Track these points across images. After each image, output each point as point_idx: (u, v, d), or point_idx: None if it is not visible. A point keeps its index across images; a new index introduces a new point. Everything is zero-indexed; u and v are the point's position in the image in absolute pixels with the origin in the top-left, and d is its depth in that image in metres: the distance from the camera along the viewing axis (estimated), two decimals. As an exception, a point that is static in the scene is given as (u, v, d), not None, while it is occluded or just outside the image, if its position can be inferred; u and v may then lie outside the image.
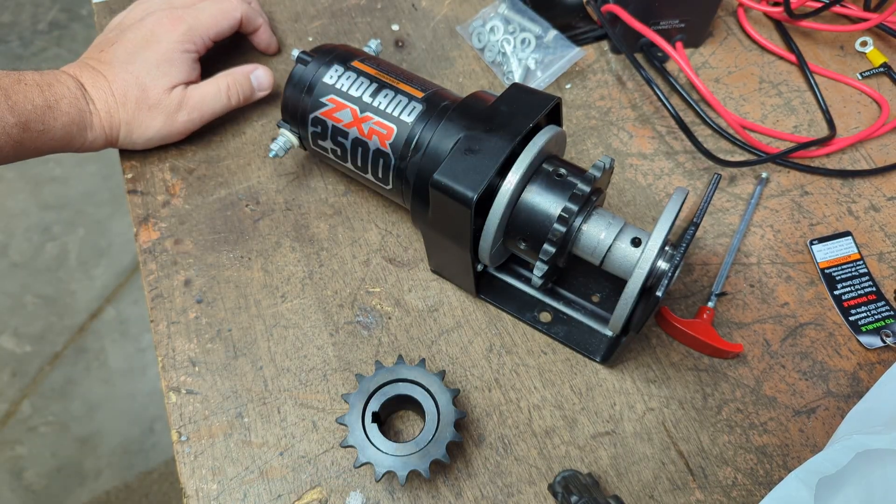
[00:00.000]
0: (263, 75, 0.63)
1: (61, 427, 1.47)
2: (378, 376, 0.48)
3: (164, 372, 0.53)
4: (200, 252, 0.58)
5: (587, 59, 0.70)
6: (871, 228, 0.61)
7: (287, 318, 0.56)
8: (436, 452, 0.46)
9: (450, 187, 0.46)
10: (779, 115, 0.67)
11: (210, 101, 0.60)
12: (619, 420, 0.52)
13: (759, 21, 0.73)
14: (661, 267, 0.45)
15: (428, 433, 0.47)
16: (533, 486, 0.49)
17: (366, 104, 0.52)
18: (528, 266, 0.57)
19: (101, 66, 0.58)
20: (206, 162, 0.63)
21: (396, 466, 0.45)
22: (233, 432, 0.51)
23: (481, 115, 0.49)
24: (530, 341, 0.55)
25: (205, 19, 0.60)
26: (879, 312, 0.56)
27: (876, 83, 0.70)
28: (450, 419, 0.47)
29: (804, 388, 0.53)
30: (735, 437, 0.51)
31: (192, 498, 0.49)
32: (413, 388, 0.48)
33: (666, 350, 0.55)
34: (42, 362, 1.54)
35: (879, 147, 0.66)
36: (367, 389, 0.48)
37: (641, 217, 0.61)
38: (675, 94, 0.67)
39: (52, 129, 0.54)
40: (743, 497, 0.49)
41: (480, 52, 0.69)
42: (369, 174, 0.54)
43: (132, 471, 1.42)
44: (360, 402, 0.47)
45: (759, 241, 0.60)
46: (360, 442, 0.46)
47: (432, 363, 0.54)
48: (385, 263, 0.58)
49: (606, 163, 0.49)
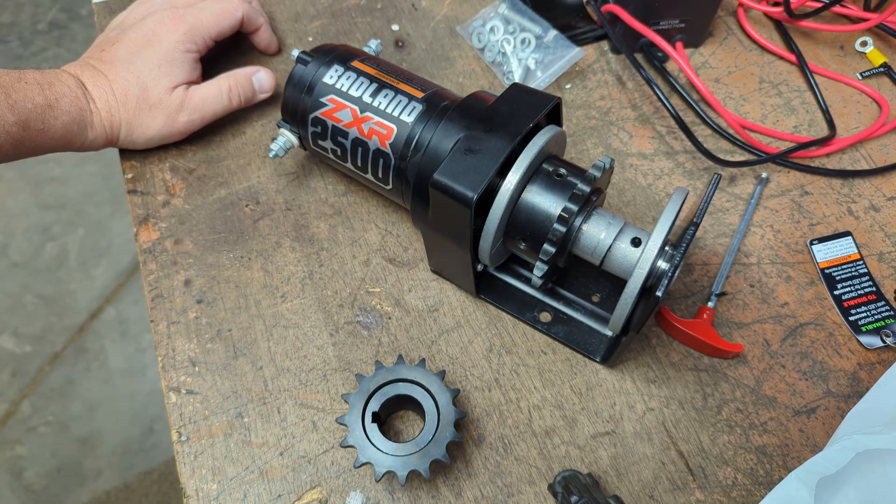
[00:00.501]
0: (265, 78, 0.63)
1: (61, 427, 1.47)
2: (378, 376, 0.48)
3: (164, 372, 0.53)
4: (200, 252, 0.58)
5: (587, 59, 0.70)
6: (871, 228, 0.61)
7: (287, 318, 0.56)
8: (436, 452, 0.46)
9: (450, 187, 0.46)
10: (779, 115, 0.67)
11: (211, 102, 0.60)
12: (619, 420, 0.52)
13: (759, 21, 0.73)
14: (661, 267, 0.45)
15: (428, 433, 0.47)
16: (533, 486, 0.49)
17: (366, 104, 0.52)
18: (528, 266, 0.57)
19: (102, 66, 0.58)
20: (206, 162, 0.63)
21: (396, 466, 0.45)
22: (233, 432, 0.51)
23: (481, 115, 0.49)
24: (530, 341, 0.55)
25: (206, 19, 0.60)
26: (879, 312, 0.56)
27: (876, 83, 0.70)
28: (450, 419, 0.47)
29: (804, 388, 0.53)
30: (735, 437, 0.51)
31: (192, 498, 0.49)
32: (413, 388, 0.48)
33: (666, 350, 0.55)
34: (42, 362, 1.54)
35: (879, 147, 0.66)
36: (367, 389, 0.48)
37: (641, 217, 0.61)
38: (675, 94, 0.67)
39: (52, 128, 0.54)
40: (743, 497, 0.49)
41: (480, 52, 0.69)
42: (369, 174, 0.54)
43: (132, 471, 1.42)
44: (360, 402, 0.47)
45: (759, 241, 0.60)
46: (360, 442, 0.46)
47: (432, 363, 0.54)
48: (385, 263, 0.58)
49: (606, 163, 0.49)
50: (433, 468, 0.47)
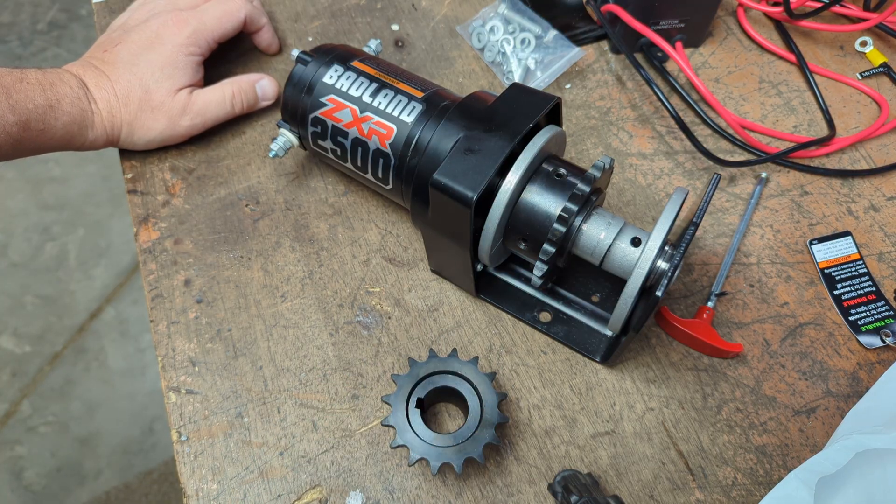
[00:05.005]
0: (268, 85, 0.63)
1: (61, 427, 1.47)
2: (430, 364, 0.48)
3: (164, 372, 0.53)
4: (200, 252, 0.58)
5: (587, 59, 0.70)
6: (871, 228, 0.61)
7: (287, 318, 0.56)
8: (472, 451, 0.46)
9: (450, 187, 0.46)
10: (778, 115, 0.67)
11: (214, 107, 0.60)
12: (618, 420, 0.52)
13: (758, 21, 0.73)
14: (661, 267, 0.45)
15: (468, 430, 0.47)
16: (533, 486, 0.49)
17: (366, 104, 0.52)
18: (528, 266, 0.57)
19: (104, 66, 0.58)
20: (206, 162, 0.63)
21: (431, 455, 0.46)
22: (233, 432, 0.51)
23: (481, 115, 0.49)
24: (530, 341, 0.55)
25: (209, 22, 0.60)
26: (879, 312, 0.56)
27: (876, 83, 0.70)
28: (492, 421, 0.47)
29: (804, 387, 0.53)
30: (735, 437, 0.51)
31: (192, 498, 0.49)
32: (461, 383, 0.48)
33: (666, 350, 0.55)
34: (42, 362, 1.54)
35: (879, 147, 0.66)
36: (417, 375, 0.48)
37: (641, 217, 0.61)
38: (675, 94, 0.67)
39: (52, 129, 0.54)
40: (743, 497, 0.49)
41: (480, 52, 0.69)
42: (369, 174, 0.54)
43: (132, 471, 1.42)
44: (408, 385, 0.48)
45: (758, 240, 0.60)
46: (400, 424, 0.47)
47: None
48: (385, 263, 0.58)
49: (606, 163, 0.49)
50: (447, 468, 0.47)
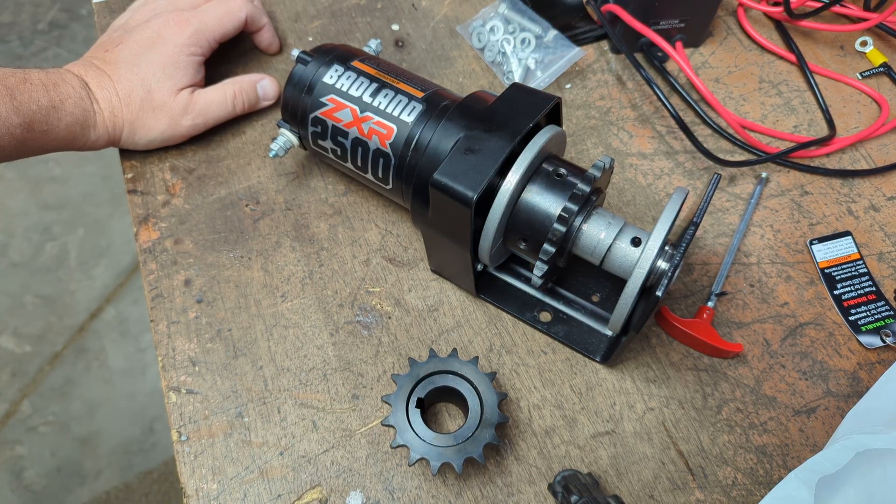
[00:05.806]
0: (269, 86, 0.63)
1: (61, 427, 1.47)
2: (430, 364, 0.48)
3: (164, 372, 0.53)
4: (200, 252, 0.58)
5: (587, 59, 0.70)
6: (871, 228, 0.61)
7: (287, 318, 0.56)
8: (472, 451, 0.46)
9: (450, 187, 0.46)
10: (779, 115, 0.67)
11: (215, 107, 0.60)
12: (618, 420, 0.52)
13: (759, 21, 0.73)
14: (661, 266, 0.45)
15: (468, 430, 0.47)
16: (533, 485, 0.49)
17: (366, 104, 0.52)
18: (528, 266, 0.57)
19: (105, 66, 0.58)
20: (206, 162, 0.63)
21: (431, 455, 0.46)
22: (233, 432, 0.51)
23: (481, 114, 0.49)
24: (530, 341, 0.55)
25: (211, 22, 0.60)
26: (879, 312, 0.56)
27: (876, 83, 0.70)
28: (492, 421, 0.47)
29: (804, 387, 0.53)
30: (735, 437, 0.51)
31: (192, 498, 0.49)
32: (461, 382, 0.48)
33: (666, 350, 0.55)
34: (42, 362, 1.54)
35: (879, 147, 0.66)
36: (417, 374, 0.48)
37: (641, 217, 0.61)
38: (675, 94, 0.67)
39: (55, 129, 0.54)
40: (743, 497, 0.49)
41: (480, 52, 0.69)
42: (369, 174, 0.54)
43: (132, 471, 1.42)
44: (408, 385, 0.48)
45: (758, 240, 0.60)
46: (400, 424, 0.47)
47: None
48: (385, 263, 0.58)
49: (606, 162, 0.49)
50: (447, 467, 0.47)
